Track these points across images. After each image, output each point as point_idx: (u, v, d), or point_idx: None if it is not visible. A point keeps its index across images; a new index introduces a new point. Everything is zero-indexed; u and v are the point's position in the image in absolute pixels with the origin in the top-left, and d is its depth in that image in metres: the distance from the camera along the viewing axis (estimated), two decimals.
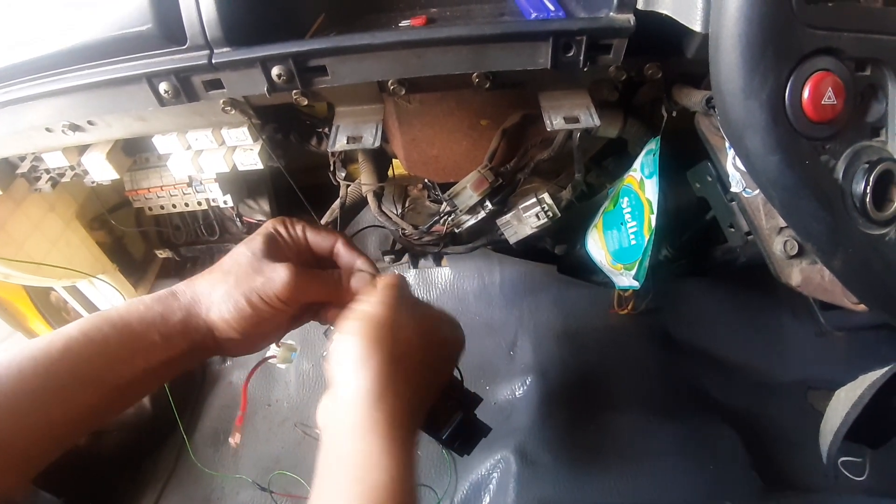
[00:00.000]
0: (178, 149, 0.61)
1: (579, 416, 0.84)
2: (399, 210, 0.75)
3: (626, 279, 0.69)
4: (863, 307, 0.45)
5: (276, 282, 0.47)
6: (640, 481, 0.76)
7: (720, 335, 0.97)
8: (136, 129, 0.59)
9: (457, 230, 0.68)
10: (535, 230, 0.65)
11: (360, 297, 0.49)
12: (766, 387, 0.92)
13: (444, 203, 0.65)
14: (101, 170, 0.64)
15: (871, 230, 0.37)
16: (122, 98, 0.50)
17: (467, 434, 0.52)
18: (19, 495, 0.73)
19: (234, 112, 0.53)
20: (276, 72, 0.47)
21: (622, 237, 0.67)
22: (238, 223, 0.86)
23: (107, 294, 0.91)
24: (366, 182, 0.70)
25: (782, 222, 0.52)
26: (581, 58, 0.45)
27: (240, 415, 0.62)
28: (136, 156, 0.73)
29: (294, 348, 0.61)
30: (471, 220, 0.66)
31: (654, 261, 0.64)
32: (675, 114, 0.58)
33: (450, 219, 0.67)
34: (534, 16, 0.48)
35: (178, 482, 0.95)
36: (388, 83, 0.49)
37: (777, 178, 0.36)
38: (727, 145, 0.53)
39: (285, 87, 0.48)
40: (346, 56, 0.46)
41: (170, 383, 0.95)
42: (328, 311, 0.54)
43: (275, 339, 0.55)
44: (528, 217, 0.64)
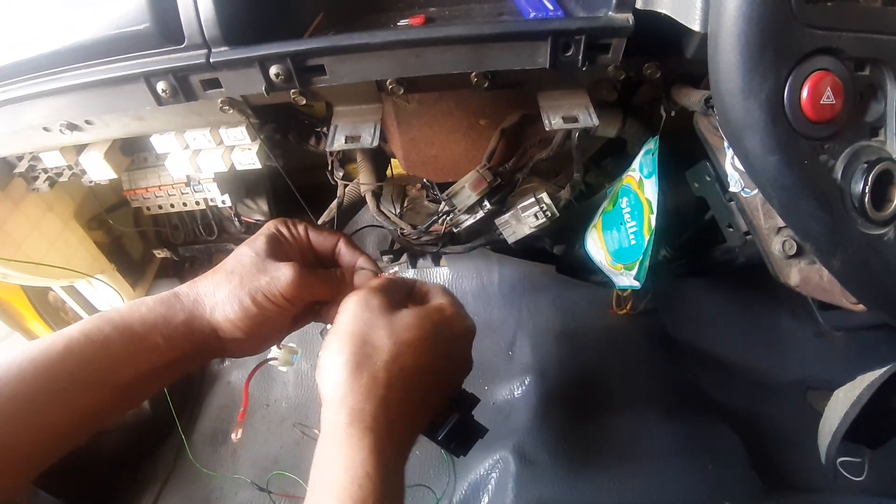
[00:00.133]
0: (176, 148, 0.61)
1: (578, 416, 0.83)
2: (397, 210, 0.75)
3: (626, 279, 0.69)
4: (861, 307, 0.45)
5: (282, 280, 0.48)
6: (638, 481, 0.76)
7: (719, 335, 0.97)
8: (134, 128, 0.59)
9: (455, 230, 0.68)
10: (534, 230, 0.65)
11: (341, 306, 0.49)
12: (765, 387, 0.92)
13: (443, 203, 0.65)
14: (98, 169, 0.64)
15: (869, 230, 0.37)
16: (119, 97, 0.50)
17: (464, 435, 0.52)
18: (20, 496, 0.73)
19: (232, 111, 0.53)
20: (274, 71, 0.46)
21: (622, 237, 0.66)
22: (236, 223, 0.86)
23: (105, 294, 0.91)
24: (364, 182, 0.70)
25: (781, 222, 0.51)
26: (580, 57, 0.45)
27: (241, 411, 0.63)
28: (133, 155, 0.73)
29: (295, 351, 0.61)
30: (469, 220, 0.66)
31: (653, 261, 0.64)
32: (673, 113, 0.58)
33: (448, 218, 0.67)
34: (532, 15, 0.48)
35: (176, 482, 0.95)
36: (387, 83, 0.49)
37: (776, 177, 0.36)
38: (726, 145, 0.53)
39: (283, 87, 0.48)
40: (344, 55, 0.46)
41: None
42: (329, 309, 0.55)
43: (277, 340, 0.56)
44: (527, 217, 0.64)
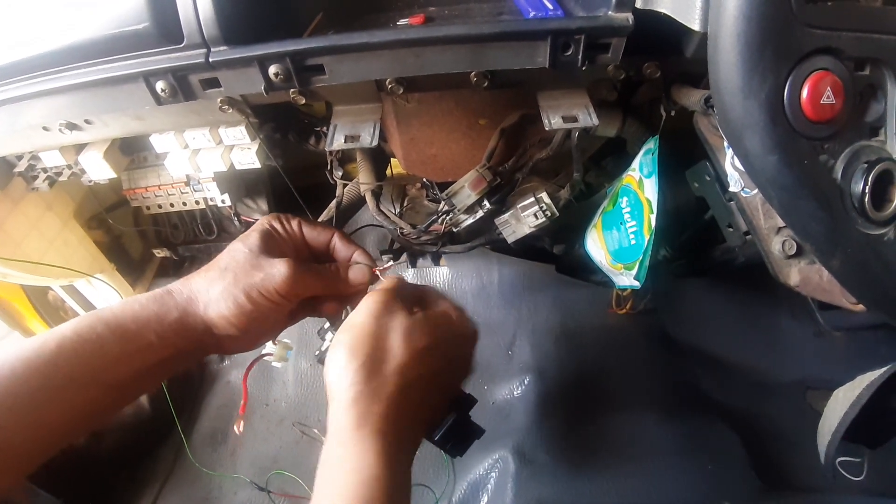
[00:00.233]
0: (175, 148, 0.61)
1: (577, 416, 0.83)
2: (397, 209, 0.75)
3: (626, 279, 0.69)
4: (861, 307, 0.45)
5: (276, 277, 0.48)
6: (638, 481, 0.76)
7: (719, 335, 0.97)
8: (134, 127, 0.59)
9: (455, 229, 0.68)
10: (534, 230, 0.65)
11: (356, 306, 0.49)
12: (764, 387, 0.92)
13: (443, 202, 0.65)
14: (98, 169, 0.63)
15: (869, 230, 0.37)
16: (119, 97, 0.50)
17: (460, 435, 0.52)
18: (15, 494, 0.73)
19: (231, 111, 0.53)
20: (273, 70, 0.46)
21: (622, 237, 0.66)
22: (236, 222, 0.86)
23: (104, 293, 0.91)
24: (364, 181, 0.70)
25: (781, 222, 0.51)
26: (579, 57, 0.45)
27: (242, 404, 0.63)
28: (133, 155, 0.73)
29: (290, 347, 0.61)
30: (469, 220, 0.66)
31: (653, 260, 0.64)
32: (673, 113, 0.58)
33: (448, 218, 0.67)
34: (532, 15, 0.48)
35: (176, 482, 0.95)
36: (387, 82, 0.49)
37: (776, 177, 0.35)
38: (726, 145, 0.53)
39: (283, 86, 0.48)
40: (343, 55, 0.46)
41: (168, 383, 0.96)
42: (324, 304, 0.55)
43: (272, 336, 0.56)
44: (527, 216, 0.64)
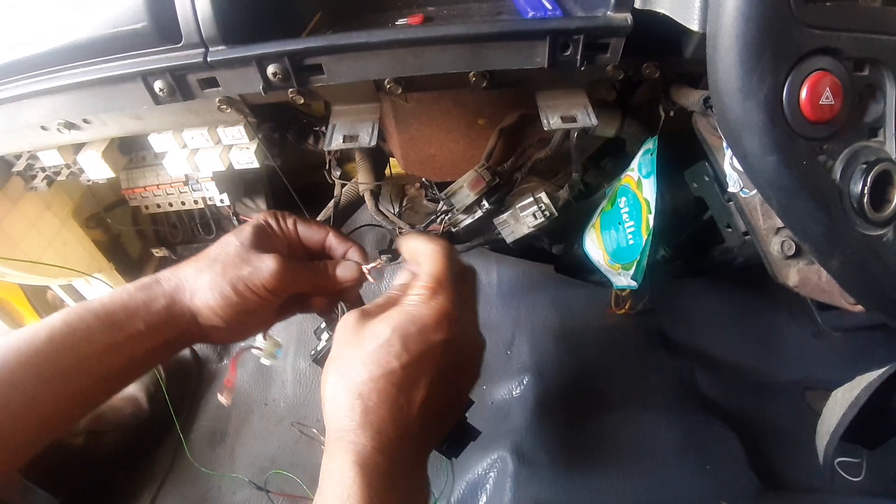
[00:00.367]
0: (173, 147, 0.61)
1: (576, 416, 0.83)
2: (396, 209, 0.75)
3: (624, 279, 0.69)
4: (860, 308, 0.45)
5: (264, 271, 0.47)
6: (636, 481, 0.76)
7: (717, 335, 0.97)
8: (132, 127, 0.59)
9: (454, 229, 0.68)
10: (533, 230, 0.65)
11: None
12: (763, 387, 0.92)
13: (441, 202, 0.65)
14: (96, 168, 0.63)
15: (868, 231, 0.37)
16: (117, 96, 0.50)
17: (456, 437, 0.52)
18: (11, 491, 0.73)
19: (229, 111, 0.53)
20: (271, 70, 0.46)
21: (620, 237, 0.66)
22: (235, 222, 0.85)
23: (103, 293, 0.91)
24: (363, 181, 0.70)
25: (780, 223, 0.51)
26: (578, 57, 0.45)
27: (227, 377, 0.64)
28: (132, 154, 0.73)
29: (279, 345, 0.60)
30: (468, 220, 0.66)
31: (652, 260, 0.64)
32: (672, 113, 0.58)
33: (447, 218, 0.67)
34: (531, 14, 0.48)
35: (174, 481, 0.94)
36: (385, 82, 0.49)
37: (774, 178, 0.35)
38: (725, 145, 0.53)
39: (281, 86, 0.48)
40: (342, 55, 0.46)
41: (166, 383, 0.96)
42: (316, 300, 0.54)
43: (260, 330, 0.55)
44: (526, 216, 0.64)
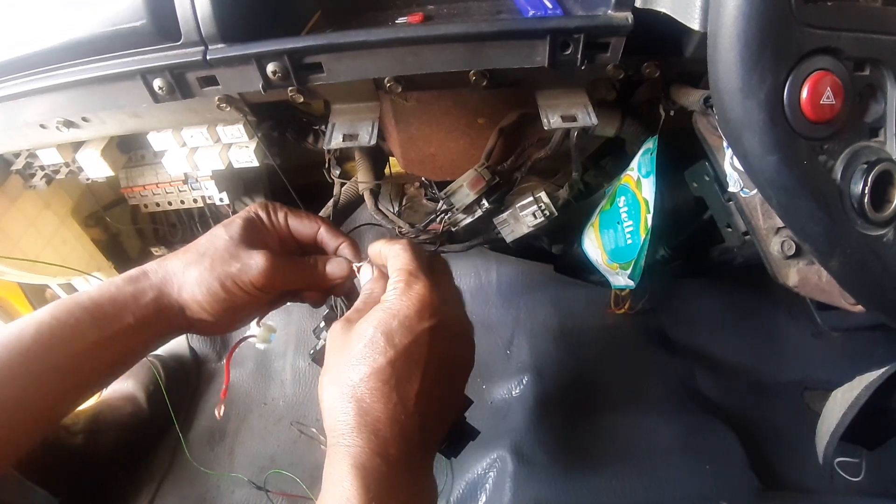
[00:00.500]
0: (173, 146, 0.61)
1: (576, 416, 0.83)
2: (396, 208, 0.75)
3: (621, 278, 0.69)
4: (860, 308, 0.45)
5: (253, 269, 0.47)
6: (636, 481, 0.76)
7: (717, 335, 0.97)
8: (131, 125, 0.59)
9: (453, 229, 0.68)
10: (532, 229, 0.65)
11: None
12: (762, 387, 0.91)
13: (441, 201, 0.65)
14: (95, 167, 0.63)
15: (868, 231, 0.37)
16: (116, 94, 0.50)
17: (455, 437, 0.51)
18: (13, 494, 0.73)
19: (229, 109, 0.53)
20: (271, 69, 0.46)
21: (618, 236, 0.66)
22: None
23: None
24: (362, 180, 0.70)
25: (780, 222, 0.51)
26: (579, 56, 0.45)
27: (223, 388, 0.64)
28: (131, 153, 0.73)
29: (273, 329, 0.60)
30: (467, 219, 0.66)
31: (651, 260, 0.64)
32: (673, 113, 0.58)
33: (446, 217, 0.67)
34: (531, 14, 0.48)
35: (173, 481, 0.94)
36: (385, 81, 0.49)
37: (775, 178, 0.35)
38: (725, 145, 0.53)
39: (281, 85, 0.48)
40: (341, 53, 0.46)
41: (165, 382, 0.96)
42: (307, 292, 0.54)
43: (249, 321, 0.55)
44: (525, 216, 0.64)
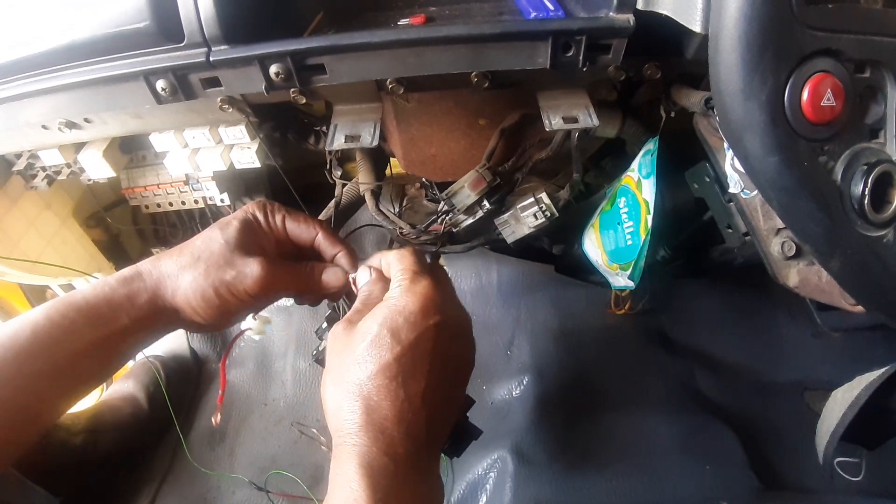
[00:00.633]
0: (174, 147, 0.61)
1: (576, 416, 0.83)
2: (396, 209, 0.75)
3: (621, 279, 0.69)
4: (860, 308, 0.45)
5: (248, 277, 0.46)
6: (636, 481, 0.76)
7: (717, 335, 0.97)
8: (133, 126, 0.59)
9: (454, 229, 0.68)
10: (533, 230, 0.65)
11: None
12: (762, 387, 0.92)
13: (442, 202, 0.65)
14: (97, 167, 0.63)
15: (869, 232, 0.37)
16: (118, 96, 0.50)
17: (457, 436, 0.52)
18: (12, 493, 0.73)
19: (231, 110, 0.53)
20: (273, 70, 0.46)
21: (618, 237, 0.66)
22: None
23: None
24: (363, 181, 0.70)
25: (780, 223, 0.51)
26: (580, 58, 0.45)
27: (220, 394, 0.64)
28: (132, 153, 0.73)
29: (268, 321, 0.60)
30: (468, 220, 0.66)
31: (652, 261, 0.64)
32: (673, 114, 0.58)
33: (447, 218, 0.67)
34: (533, 15, 0.48)
35: (174, 481, 0.94)
36: (387, 82, 0.49)
37: (775, 179, 0.36)
38: (726, 146, 0.53)
39: (283, 86, 0.48)
40: (344, 54, 0.46)
41: (166, 383, 0.96)
42: (303, 295, 0.54)
43: (243, 319, 0.55)
44: (526, 217, 0.64)
